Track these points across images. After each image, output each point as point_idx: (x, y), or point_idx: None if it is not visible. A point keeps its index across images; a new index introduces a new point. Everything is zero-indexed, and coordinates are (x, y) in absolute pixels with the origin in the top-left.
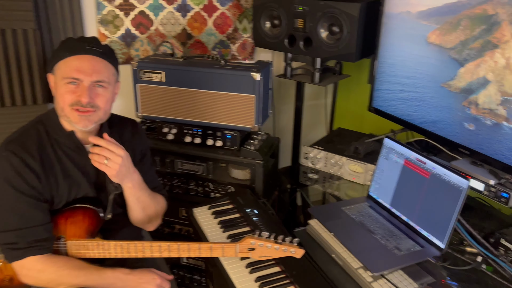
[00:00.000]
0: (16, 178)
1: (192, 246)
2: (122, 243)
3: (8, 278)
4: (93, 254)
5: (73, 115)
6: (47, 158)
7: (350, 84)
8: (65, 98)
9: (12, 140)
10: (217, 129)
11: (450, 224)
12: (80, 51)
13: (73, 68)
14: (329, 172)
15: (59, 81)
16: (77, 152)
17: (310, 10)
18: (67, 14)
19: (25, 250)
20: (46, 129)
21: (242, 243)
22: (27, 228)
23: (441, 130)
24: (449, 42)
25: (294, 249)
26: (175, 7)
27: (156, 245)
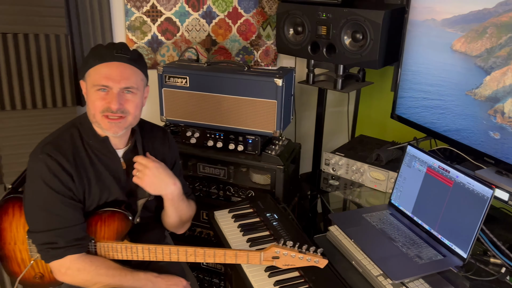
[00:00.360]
0: (53, 179)
1: (217, 253)
2: (150, 247)
3: (39, 275)
4: (121, 256)
5: (104, 122)
6: (81, 162)
7: (373, 92)
8: (96, 105)
9: (48, 143)
10: (239, 133)
11: (473, 234)
12: (108, 58)
13: (102, 75)
14: (351, 179)
15: (90, 89)
16: (109, 157)
17: (334, 17)
18: (97, 20)
19: (65, 249)
20: (80, 133)
21: (267, 251)
22: (67, 228)
23: (466, 138)
24: (475, 50)
25: (318, 259)
26: (200, 14)
27: (182, 250)
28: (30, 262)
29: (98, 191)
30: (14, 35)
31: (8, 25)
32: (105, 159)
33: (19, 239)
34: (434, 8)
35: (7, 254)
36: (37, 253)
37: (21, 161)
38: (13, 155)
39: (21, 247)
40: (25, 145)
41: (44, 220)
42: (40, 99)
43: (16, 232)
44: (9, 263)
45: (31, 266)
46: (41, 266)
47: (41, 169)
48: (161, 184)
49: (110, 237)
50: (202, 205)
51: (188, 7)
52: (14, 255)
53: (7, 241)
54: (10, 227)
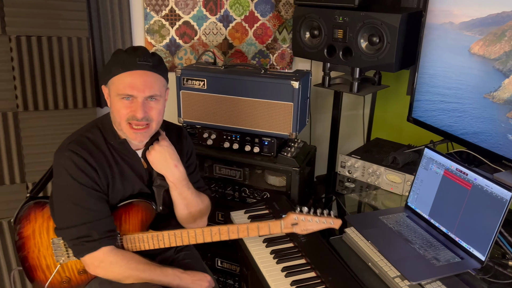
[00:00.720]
0: (80, 174)
1: (241, 228)
2: (176, 232)
3: (66, 279)
4: (147, 246)
5: (129, 131)
6: (105, 159)
7: (388, 96)
8: (121, 114)
9: (72, 141)
10: (255, 135)
11: (491, 236)
12: (131, 67)
13: (127, 85)
14: (366, 181)
15: (114, 97)
16: (130, 157)
17: (351, 21)
18: (117, 23)
19: (99, 241)
20: (102, 134)
21: (286, 219)
22: (99, 220)
23: (483, 141)
24: (493, 53)
25: (333, 220)
26: (217, 18)
27: (207, 230)
28: (56, 267)
29: (122, 186)
30: (38, 38)
31: (33, 28)
32: (127, 159)
33: (43, 245)
34: (451, 11)
35: (31, 263)
36: (63, 257)
37: (43, 160)
38: (35, 154)
39: (46, 253)
40: (47, 145)
41: (75, 215)
42: (62, 100)
43: (39, 238)
44: (33, 272)
45: (57, 271)
46: (67, 270)
47: (68, 165)
48: (164, 163)
49: (135, 228)
50: (217, 206)
51: (206, 11)
52: (39, 263)
53: (30, 249)
54: (33, 234)
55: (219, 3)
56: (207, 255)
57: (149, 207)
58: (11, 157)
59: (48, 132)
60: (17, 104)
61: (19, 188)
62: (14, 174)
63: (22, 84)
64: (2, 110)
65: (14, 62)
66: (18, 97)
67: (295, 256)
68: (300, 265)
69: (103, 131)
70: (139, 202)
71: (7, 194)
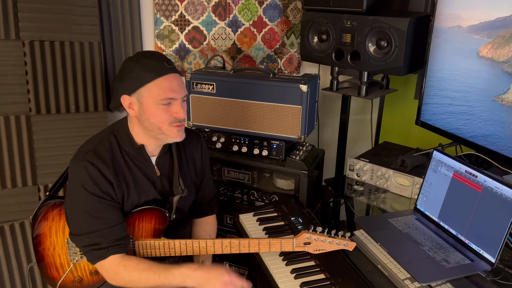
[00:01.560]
0: (92, 186)
1: (252, 242)
2: (187, 241)
3: (78, 279)
4: (159, 253)
5: (173, 131)
6: (120, 168)
7: (396, 100)
8: (163, 119)
9: (89, 150)
10: (263, 138)
11: (502, 238)
12: (164, 71)
13: (166, 89)
14: (375, 184)
15: (151, 104)
16: (145, 163)
17: (359, 25)
18: (128, 28)
19: (107, 249)
20: (118, 141)
21: (299, 237)
22: (108, 228)
23: (493, 144)
24: (502, 56)
25: (347, 242)
26: (226, 23)
27: (218, 242)
28: (69, 266)
29: (137, 195)
30: (51, 42)
31: (46, 33)
32: (141, 166)
33: (59, 243)
34: (460, 15)
35: (46, 260)
36: (76, 256)
37: (55, 163)
38: (47, 157)
39: (60, 251)
40: (59, 148)
41: (86, 223)
42: (74, 104)
43: (55, 237)
44: (47, 268)
45: (70, 270)
46: (80, 269)
47: (82, 175)
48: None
49: (148, 234)
50: (226, 209)
51: (215, 16)
52: (53, 260)
53: (46, 246)
54: (50, 232)
55: (228, 8)
56: (216, 258)
57: (162, 214)
58: (24, 160)
59: (60, 135)
60: (30, 108)
61: (31, 190)
62: (26, 176)
63: (35, 88)
64: (16, 113)
65: (28, 66)
66: (31, 100)
67: (305, 258)
68: (309, 267)
69: (118, 138)
70: (153, 209)
71: (19, 196)
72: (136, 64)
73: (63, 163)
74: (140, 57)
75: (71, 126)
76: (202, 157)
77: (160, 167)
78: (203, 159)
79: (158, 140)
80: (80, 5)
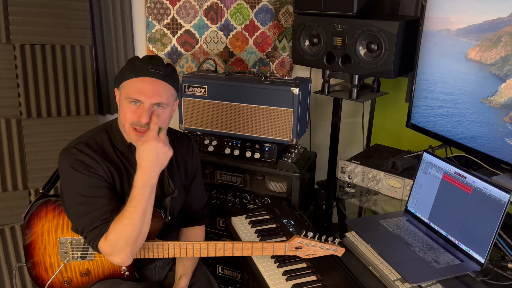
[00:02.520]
0: (82, 165)
1: (245, 246)
2: (181, 243)
3: (68, 280)
4: (152, 255)
5: (132, 134)
6: (111, 161)
7: (387, 103)
8: (126, 117)
9: (80, 142)
10: (255, 141)
11: (491, 239)
12: (143, 73)
13: (136, 89)
14: (366, 186)
15: (123, 100)
16: (135, 162)
17: (349, 29)
18: (120, 32)
19: (101, 227)
20: (109, 137)
21: (291, 242)
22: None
23: (481, 145)
24: (489, 58)
25: (336, 248)
26: (218, 27)
27: (212, 244)
28: (59, 266)
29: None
30: (42, 46)
31: (37, 37)
32: (132, 165)
33: (50, 243)
34: (448, 18)
35: (35, 259)
36: (67, 256)
37: (46, 167)
38: (38, 160)
39: (51, 251)
40: (50, 151)
41: (82, 206)
42: (65, 107)
43: (47, 235)
44: (36, 268)
45: (59, 271)
46: (70, 270)
47: (72, 160)
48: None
49: None
50: (218, 213)
51: (207, 20)
52: (43, 260)
53: (37, 246)
54: (42, 231)
55: (220, 12)
56: (208, 262)
57: (158, 215)
58: (14, 164)
59: (51, 139)
60: (20, 111)
61: (21, 194)
62: (17, 180)
63: (25, 91)
64: (6, 117)
65: (18, 70)
66: (21, 104)
67: (296, 260)
68: (301, 269)
69: (110, 135)
70: None
71: (9, 201)
72: (128, 62)
73: (54, 167)
74: (135, 57)
75: (62, 129)
76: (193, 159)
77: None
78: (194, 162)
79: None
80: (72, 8)
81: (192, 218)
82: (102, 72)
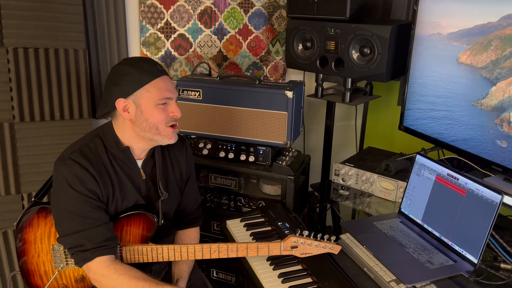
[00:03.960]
0: (78, 183)
1: (240, 247)
2: (175, 247)
3: (63, 286)
4: (146, 259)
5: (169, 132)
6: (105, 170)
7: (380, 106)
8: (161, 118)
9: (74, 151)
10: (250, 144)
11: (483, 239)
12: (158, 72)
13: (163, 89)
14: (360, 189)
15: (150, 104)
16: (130, 167)
17: (342, 33)
18: (114, 36)
19: (92, 251)
20: (103, 143)
21: (286, 241)
22: (93, 228)
23: (473, 147)
24: (480, 62)
25: (332, 246)
26: (212, 31)
27: (206, 247)
28: (53, 273)
29: (120, 199)
30: (35, 49)
31: (30, 40)
32: (126, 169)
33: (43, 250)
34: (440, 22)
35: (29, 267)
36: (61, 263)
37: (39, 171)
38: (31, 165)
39: (45, 258)
40: (43, 155)
41: (71, 223)
42: (58, 111)
43: (40, 243)
44: (31, 277)
45: (54, 278)
46: (65, 277)
47: (67, 173)
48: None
49: (135, 240)
50: (213, 216)
51: (201, 24)
52: (37, 268)
53: (30, 254)
54: (35, 239)
55: (214, 16)
56: (203, 266)
57: (151, 219)
58: (7, 168)
59: (44, 143)
60: (13, 115)
61: (14, 199)
62: (9, 184)
63: (18, 95)
64: None
65: (11, 73)
66: (14, 108)
67: (292, 262)
68: (296, 271)
69: (104, 140)
70: (141, 214)
71: (2, 205)
72: (131, 67)
73: (47, 171)
74: (134, 61)
75: (55, 133)
76: (187, 161)
77: (146, 170)
78: (188, 163)
79: (151, 142)
80: (65, 12)
81: (187, 220)
82: (96, 76)
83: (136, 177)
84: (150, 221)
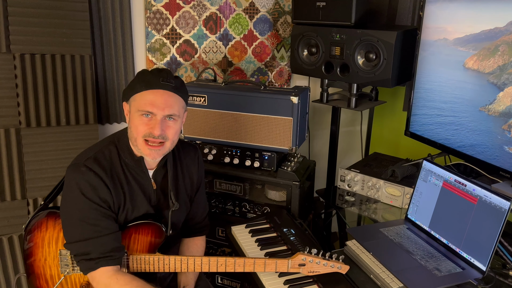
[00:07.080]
0: (90, 190)
1: (247, 262)
2: (182, 258)
3: None
4: (153, 269)
5: (144, 147)
6: (118, 178)
7: (385, 112)
8: (138, 130)
9: (89, 158)
10: (255, 150)
11: (492, 246)
12: (155, 85)
13: (148, 102)
14: (366, 195)
15: (134, 113)
16: (142, 176)
17: (347, 38)
18: (119, 42)
19: (97, 261)
20: (118, 151)
21: (294, 259)
22: (100, 237)
23: (480, 153)
24: (487, 67)
25: (340, 265)
26: (217, 37)
27: (213, 260)
28: (59, 278)
29: (131, 208)
30: (41, 56)
31: (37, 46)
32: (138, 178)
33: (50, 254)
34: (446, 28)
35: (36, 271)
36: (68, 268)
37: (45, 177)
38: (37, 170)
39: (52, 263)
40: (49, 161)
41: (79, 230)
42: (64, 117)
43: (48, 247)
44: (36, 280)
45: (60, 283)
46: (70, 282)
47: (80, 180)
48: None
49: (143, 249)
50: (218, 222)
51: (206, 30)
52: (43, 272)
53: (37, 257)
54: (42, 243)
55: (219, 22)
56: (207, 272)
57: (159, 229)
58: (13, 173)
59: (50, 148)
60: (19, 121)
61: (20, 204)
62: (15, 190)
63: (25, 101)
64: (5, 126)
65: (18, 79)
66: (21, 113)
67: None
68: (302, 278)
69: (118, 148)
70: (150, 224)
71: (8, 211)
72: (137, 76)
73: (53, 176)
74: (145, 71)
75: (61, 139)
76: (198, 170)
77: (156, 180)
78: (199, 172)
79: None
80: (72, 18)
81: (194, 229)
82: (102, 82)
83: (147, 186)
84: (158, 230)
